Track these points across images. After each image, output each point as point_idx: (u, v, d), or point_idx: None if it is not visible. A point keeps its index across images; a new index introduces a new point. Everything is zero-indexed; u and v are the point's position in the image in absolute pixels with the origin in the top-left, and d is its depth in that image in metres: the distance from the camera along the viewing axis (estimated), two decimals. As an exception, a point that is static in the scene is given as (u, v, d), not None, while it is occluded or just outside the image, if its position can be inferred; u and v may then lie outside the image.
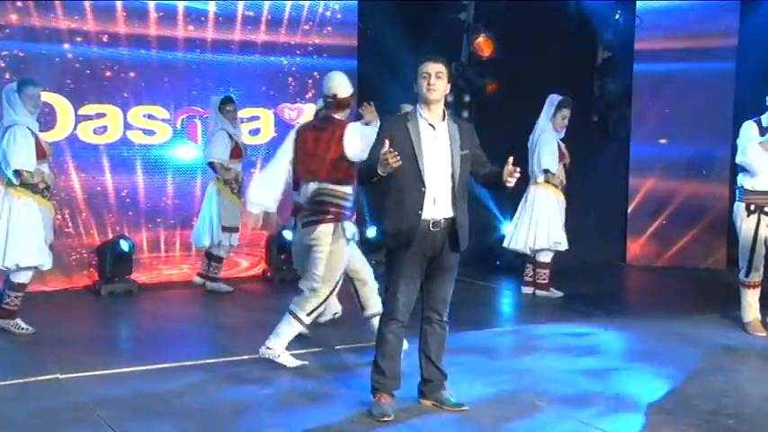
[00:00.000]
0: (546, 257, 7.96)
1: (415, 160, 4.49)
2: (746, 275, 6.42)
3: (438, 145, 4.55)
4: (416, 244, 4.50)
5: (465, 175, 4.62)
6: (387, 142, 4.36)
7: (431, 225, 4.51)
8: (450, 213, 4.56)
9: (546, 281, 8.00)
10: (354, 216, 6.26)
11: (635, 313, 7.36)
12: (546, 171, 7.79)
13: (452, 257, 4.63)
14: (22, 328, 6.36)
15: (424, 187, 4.48)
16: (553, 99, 7.87)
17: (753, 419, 4.64)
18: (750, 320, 6.50)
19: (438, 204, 4.53)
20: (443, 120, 4.60)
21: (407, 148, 4.48)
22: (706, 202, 9.61)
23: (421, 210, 4.48)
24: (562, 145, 7.89)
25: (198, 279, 8.18)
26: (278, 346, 5.47)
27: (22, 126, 6.15)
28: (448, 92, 4.64)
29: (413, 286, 4.60)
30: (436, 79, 4.51)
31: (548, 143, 7.78)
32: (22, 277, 6.35)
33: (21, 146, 6.10)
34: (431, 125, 4.56)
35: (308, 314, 5.47)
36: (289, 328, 5.48)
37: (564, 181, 7.90)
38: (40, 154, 6.24)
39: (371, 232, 8.91)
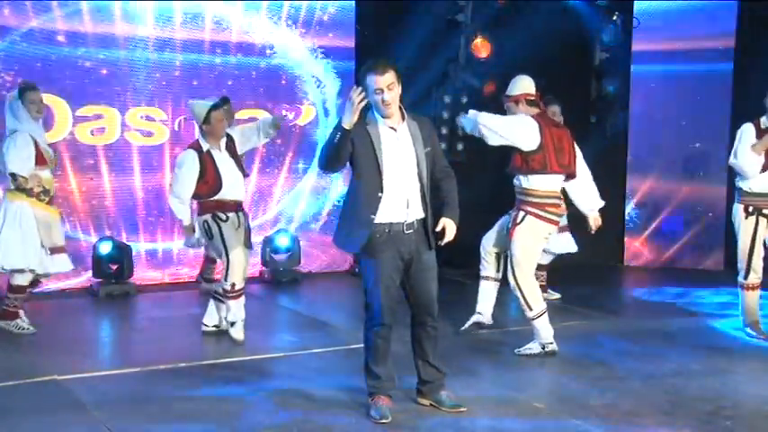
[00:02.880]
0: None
1: (377, 164, 4.42)
2: (745, 277, 6.41)
3: (401, 147, 4.49)
4: (393, 247, 4.47)
5: (430, 174, 4.58)
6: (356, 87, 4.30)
7: (405, 228, 4.50)
8: (421, 214, 4.55)
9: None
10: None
11: (632, 315, 7.35)
12: None
13: (430, 256, 4.62)
14: (24, 329, 6.40)
15: (381, 192, 4.42)
16: None
17: (750, 421, 4.64)
18: (750, 323, 6.49)
19: (411, 207, 4.50)
20: (403, 120, 4.54)
21: (369, 152, 4.41)
22: (704, 203, 9.61)
23: (374, 214, 4.42)
24: None
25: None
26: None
27: (25, 133, 6.26)
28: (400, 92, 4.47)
29: (394, 289, 4.58)
30: (388, 92, 4.39)
31: None
32: (19, 279, 6.38)
33: (20, 150, 6.20)
34: (392, 128, 4.49)
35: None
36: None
37: None
38: (40, 160, 6.31)
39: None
